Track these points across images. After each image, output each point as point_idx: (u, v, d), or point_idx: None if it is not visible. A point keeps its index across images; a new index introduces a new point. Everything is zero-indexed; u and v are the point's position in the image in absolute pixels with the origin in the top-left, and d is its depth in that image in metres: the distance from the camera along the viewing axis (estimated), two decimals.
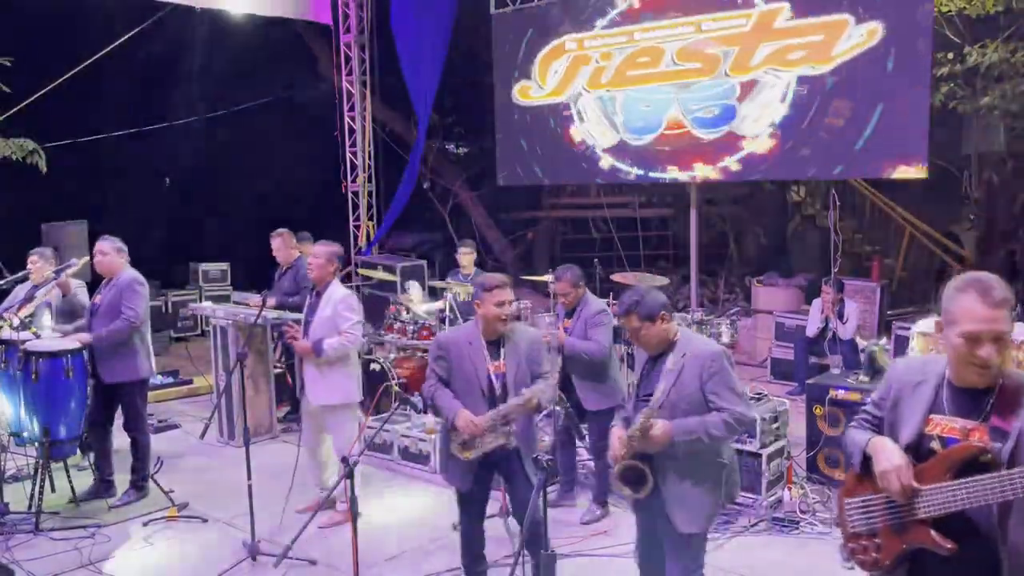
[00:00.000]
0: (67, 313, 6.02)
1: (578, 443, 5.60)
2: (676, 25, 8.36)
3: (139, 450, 5.77)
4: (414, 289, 7.97)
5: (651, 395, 3.36)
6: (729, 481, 3.44)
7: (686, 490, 3.34)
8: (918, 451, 2.38)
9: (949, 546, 2.28)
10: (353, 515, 3.61)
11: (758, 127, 7.95)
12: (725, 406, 3.28)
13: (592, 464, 5.58)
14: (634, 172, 8.96)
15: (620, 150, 9.01)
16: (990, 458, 2.24)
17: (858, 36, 7.28)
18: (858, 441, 2.52)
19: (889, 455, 2.38)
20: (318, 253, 5.26)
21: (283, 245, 7.46)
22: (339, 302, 5.19)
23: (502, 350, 3.98)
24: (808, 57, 7.57)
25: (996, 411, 2.28)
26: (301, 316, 5.46)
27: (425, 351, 7.45)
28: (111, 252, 5.66)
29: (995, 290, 2.23)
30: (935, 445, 2.35)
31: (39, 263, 6.15)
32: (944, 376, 2.39)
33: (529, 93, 9.68)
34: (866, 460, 2.47)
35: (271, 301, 6.70)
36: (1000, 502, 2.19)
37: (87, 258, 5.82)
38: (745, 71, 7.94)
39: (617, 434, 3.39)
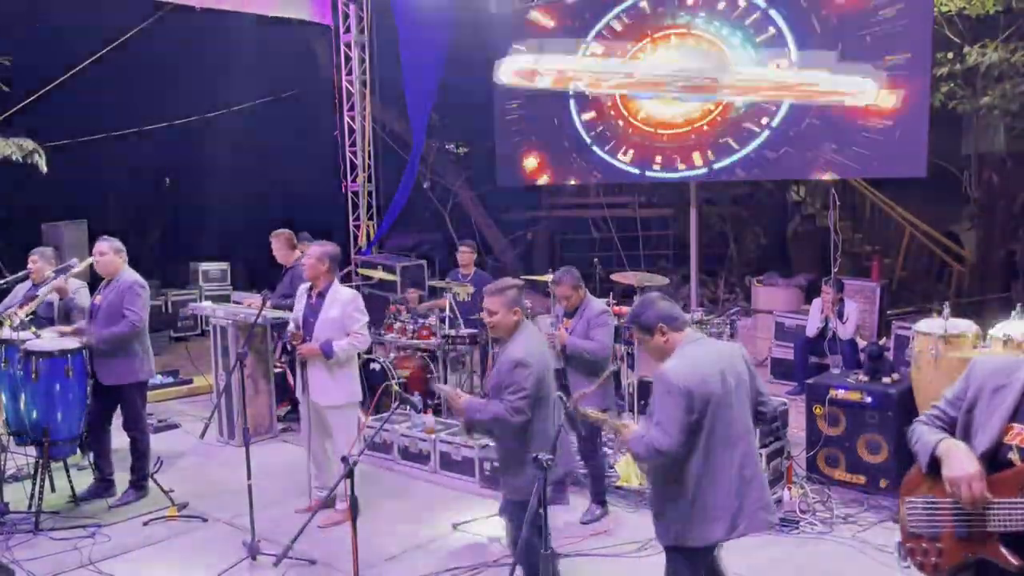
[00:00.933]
0: (68, 313, 6.01)
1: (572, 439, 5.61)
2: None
3: (139, 450, 5.76)
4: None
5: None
6: (689, 515, 3.21)
7: (652, 501, 3.44)
8: (994, 460, 2.26)
9: (1017, 563, 2.18)
10: (353, 515, 3.61)
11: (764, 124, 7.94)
12: (651, 429, 3.18)
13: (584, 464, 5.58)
14: (634, 170, 8.95)
15: (620, 153, 9.02)
16: None
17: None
18: (928, 441, 2.38)
19: (962, 461, 2.25)
20: (311, 252, 5.29)
21: (280, 246, 7.44)
22: (348, 303, 5.19)
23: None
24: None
25: None
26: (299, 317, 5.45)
27: (425, 351, 7.46)
28: (110, 252, 5.65)
29: None
30: (1013, 456, 2.23)
31: (39, 263, 6.15)
32: None
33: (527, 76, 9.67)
34: (933, 461, 2.35)
35: (270, 303, 6.69)
36: None
37: (89, 259, 5.80)
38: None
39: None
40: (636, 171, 8.95)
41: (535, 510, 3.16)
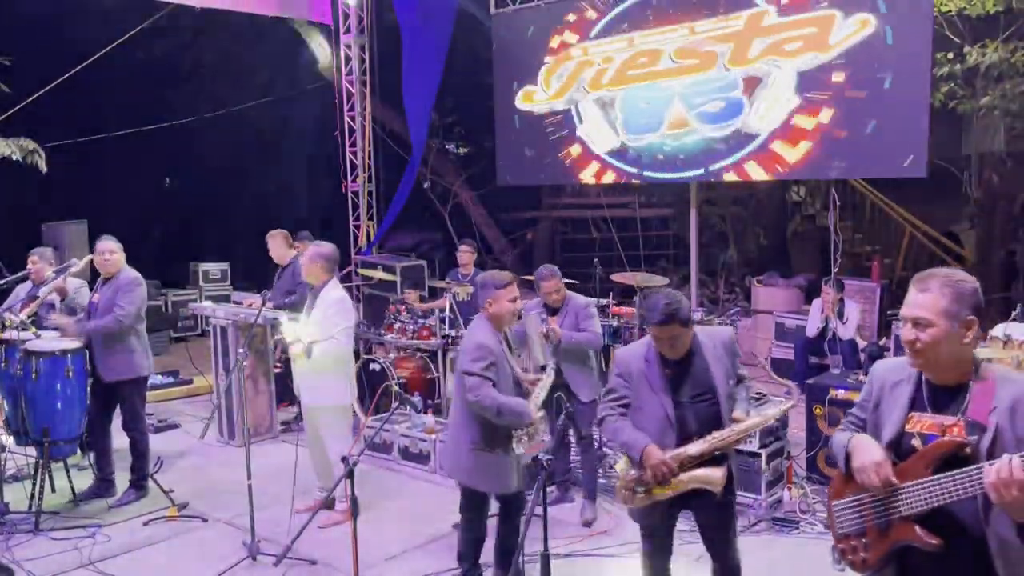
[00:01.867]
0: (69, 312, 6.00)
1: (572, 442, 5.63)
2: (672, 30, 8.40)
3: (138, 450, 5.77)
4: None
5: (702, 394, 3.41)
6: None
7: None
8: (899, 449, 2.40)
9: (935, 542, 2.28)
10: (353, 515, 3.61)
11: (765, 123, 7.90)
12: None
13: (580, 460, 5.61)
14: (635, 172, 8.94)
15: (620, 154, 8.99)
16: (969, 452, 2.25)
17: (850, 26, 7.29)
18: (841, 442, 2.55)
19: (866, 450, 2.40)
20: (305, 254, 5.33)
21: (278, 245, 7.49)
22: (330, 306, 5.17)
23: None
24: (806, 47, 7.54)
25: (973, 406, 2.30)
26: (300, 315, 5.46)
27: (425, 351, 7.45)
28: (118, 251, 5.70)
29: (928, 278, 2.35)
30: (916, 443, 2.37)
31: (39, 263, 6.15)
32: (922, 374, 2.42)
33: (533, 97, 9.69)
34: (849, 460, 2.49)
35: (271, 304, 6.70)
36: (983, 496, 2.19)
37: (89, 257, 5.82)
38: (744, 63, 7.93)
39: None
40: (635, 171, 8.95)
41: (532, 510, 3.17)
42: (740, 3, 7.92)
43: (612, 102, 8.98)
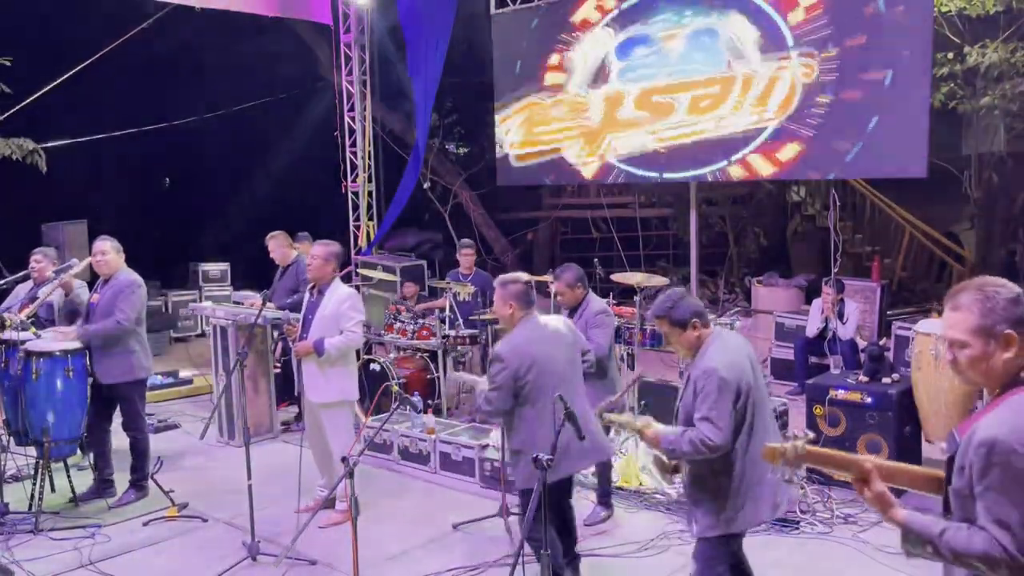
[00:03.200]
0: (71, 313, 6.00)
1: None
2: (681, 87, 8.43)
3: (138, 450, 5.77)
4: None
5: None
6: (737, 502, 3.32)
7: (694, 495, 3.42)
8: None
9: None
10: (353, 515, 3.61)
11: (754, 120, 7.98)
12: (697, 424, 3.24)
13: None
14: (638, 173, 8.93)
15: (607, 168, 9.07)
16: None
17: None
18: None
19: None
20: (316, 253, 5.26)
21: (278, 246, 7.47)
22: (343, 301, 5.19)
23: None
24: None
25: None
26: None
27: (425, 351, 7.45)
28: (112, 252, 5.67)
29: (956, 295, 2.20)
30: None
31: (43, 263, 6.14)
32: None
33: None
34: None
35: (272, 305, 6.70)
36: None
37: (88, 260, 5.80)
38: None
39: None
40: (634, 171, 8.95)
41: (535, 509, 3.17)
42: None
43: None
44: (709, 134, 8.27)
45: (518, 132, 9.86)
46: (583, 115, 9.26)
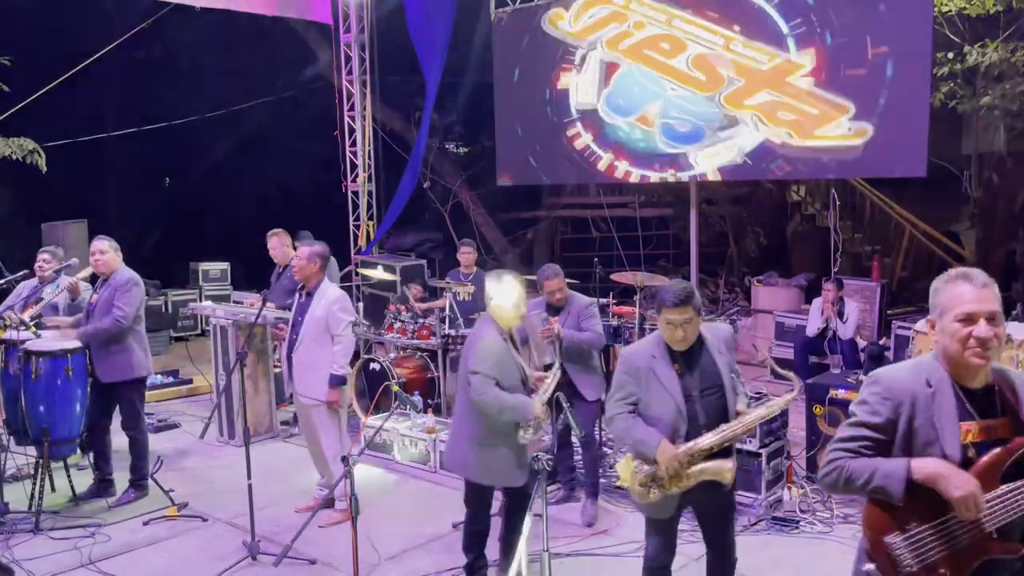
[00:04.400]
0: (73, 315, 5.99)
1: (574, 438, 5.64)
2: (712, 31, 8.20)
3: (137, 449, 5.77)
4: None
5: (710, 387, 3.43)
6: None
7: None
8: (959, 463, 2.25)
9: (1022, 550, 2.21)
10: (353, 515, 3.61)
11: (710, 164, 8.15)
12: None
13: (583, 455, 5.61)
14: (634, 172, 8.93)
15: (598, 125, 9.05)
16: None
17: (844, 130, 7.30)
18: (891, 470, 2.28)
19: (962, 480, 2.20)
20: (300, 253, 5.28)
21: (279, 244, 7.39)
22: (333, 303, 5.18)
23: None
24: (793, 125, 7.61)
25: (1006, 405, 2.25)
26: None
27: (425, 351, 7.45)
28: (110, 251, 5.67)
29: (978, 275, 2.27)
30: (971, 453, 2.25)
31: (51, 262, 6.13)
32: (951, 381, 2.29)
33: (559, 24, 9.52)
34: (911, 487, 2.26)
35: (271, 305, 6.69)
36: None
37: (89, 268, 5.80)
38: (737, 107, 7.97)
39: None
40: (633, 170, 8.95)
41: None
42: (782, 42, 7.70)
43: (612, 71, 8.96)
44: (664, 144, 8.39)
45: None
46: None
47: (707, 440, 3.35)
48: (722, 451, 3.40)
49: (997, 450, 2.22)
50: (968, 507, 2.19)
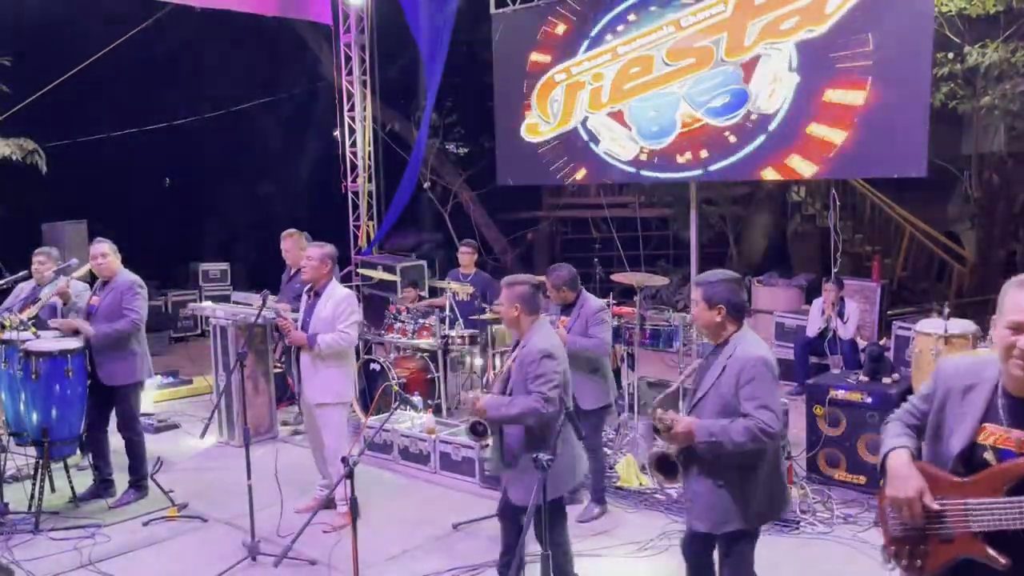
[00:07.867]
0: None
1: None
2: (656, 30, 8.23)
3: (134, 452, 5.77)
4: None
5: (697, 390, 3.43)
6: (759, 496, 3.34)
7: (705, 490, 3.36)
8: (970, 460, 2.25)
9: (1004, 561, 2.16)
10: (353, 515, 3.61)
11: (773, 102, 7.81)
12: (753, 414, 3.22)
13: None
14: (650, 174, 8.85)
15: (640, 160, 8.86)
16: None
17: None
18: (885, 444, 2.42)
19: (904, 482, 2.28)
20: (312, 255, 5.26)
21: (294, 246, 7.32)
22: (340, 301, 5.19)
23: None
24: (802, 22, 7.44)
25: None
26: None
27: (425, 351, 7.45)
28: (111, 254, 5.69)
29: None
30: (988, 456, 2.23)
31: (46, 264, 6.13)
32: (998, 382, 2.25)
33: (538, 129, 9.51)
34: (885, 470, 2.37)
35: (284, 305, 6.69)
36: None
37: (90, 263, 5.79)
38: (741, 52, 7.83)
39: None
40: (632, 170, 8.92)
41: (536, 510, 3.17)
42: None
43: (621, 115, 8.85)
44: (722, 121, 8.19)
45: None
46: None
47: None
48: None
49: (1015, 460, 2.18)
50: (899, 508, 2.28)
